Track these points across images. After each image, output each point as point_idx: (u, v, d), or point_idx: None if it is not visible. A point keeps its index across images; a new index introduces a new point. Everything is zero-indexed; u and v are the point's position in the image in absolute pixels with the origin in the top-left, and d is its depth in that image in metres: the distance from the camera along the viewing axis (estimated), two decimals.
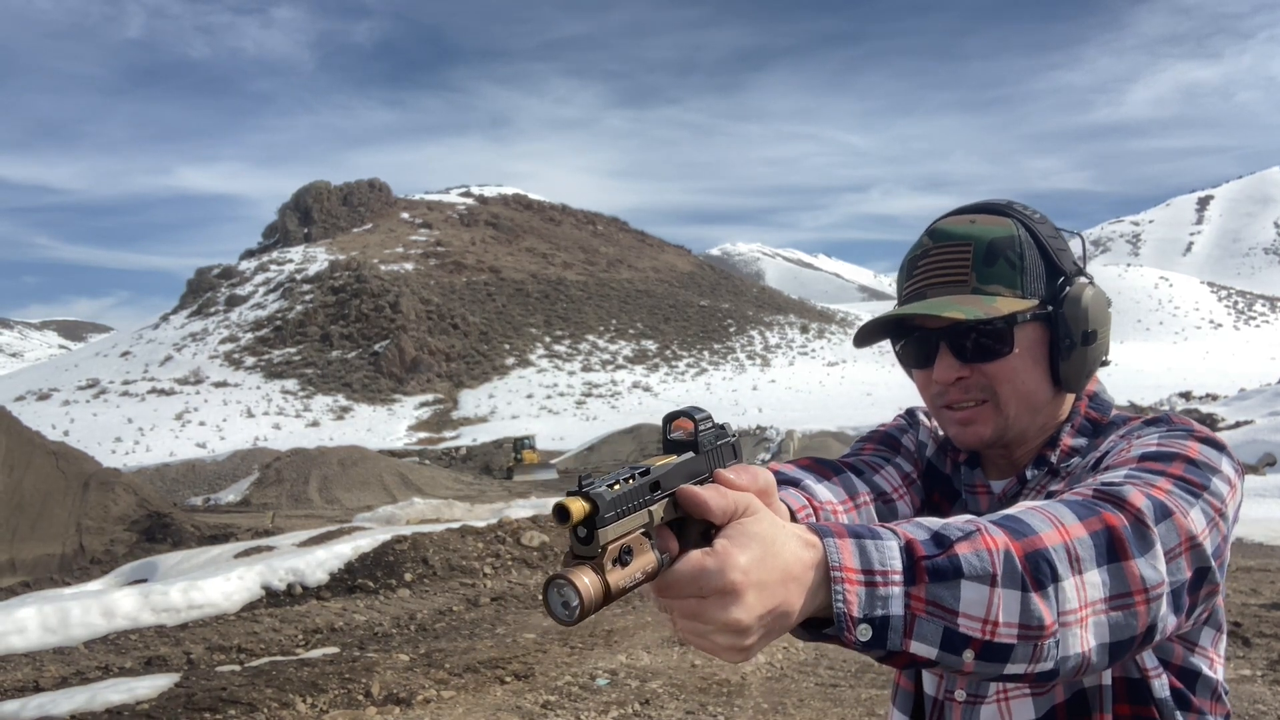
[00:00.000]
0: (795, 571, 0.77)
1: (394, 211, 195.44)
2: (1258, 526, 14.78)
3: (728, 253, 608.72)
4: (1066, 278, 1.25)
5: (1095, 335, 1.24)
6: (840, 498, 1.21)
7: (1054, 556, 0.85)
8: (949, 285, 1.22)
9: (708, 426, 0.87)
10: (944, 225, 1.27)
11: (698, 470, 0.85)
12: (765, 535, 0.77)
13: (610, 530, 0.73)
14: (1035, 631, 0.83)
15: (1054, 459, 1.26)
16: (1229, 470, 1.07)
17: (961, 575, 0.81)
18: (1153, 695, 1.11)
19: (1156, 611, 0.91)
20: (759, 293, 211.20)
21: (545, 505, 18.27)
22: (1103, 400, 1.31)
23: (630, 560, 0.74)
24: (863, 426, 60.45)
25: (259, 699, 6.24)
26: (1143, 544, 0.91)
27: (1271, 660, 6.58)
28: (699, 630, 0.77)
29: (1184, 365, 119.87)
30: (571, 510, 0.71)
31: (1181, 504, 0.97)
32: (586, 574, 0.71)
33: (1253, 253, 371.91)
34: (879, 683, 6.28)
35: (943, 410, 1.27)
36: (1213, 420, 36.69)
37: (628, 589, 0.74)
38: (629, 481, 0.76)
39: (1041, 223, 1.26)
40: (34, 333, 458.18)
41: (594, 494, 0.72)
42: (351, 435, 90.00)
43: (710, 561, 0.75)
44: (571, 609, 0.71)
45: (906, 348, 1.29)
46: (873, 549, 0.81)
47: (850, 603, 0.78)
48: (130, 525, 18.24)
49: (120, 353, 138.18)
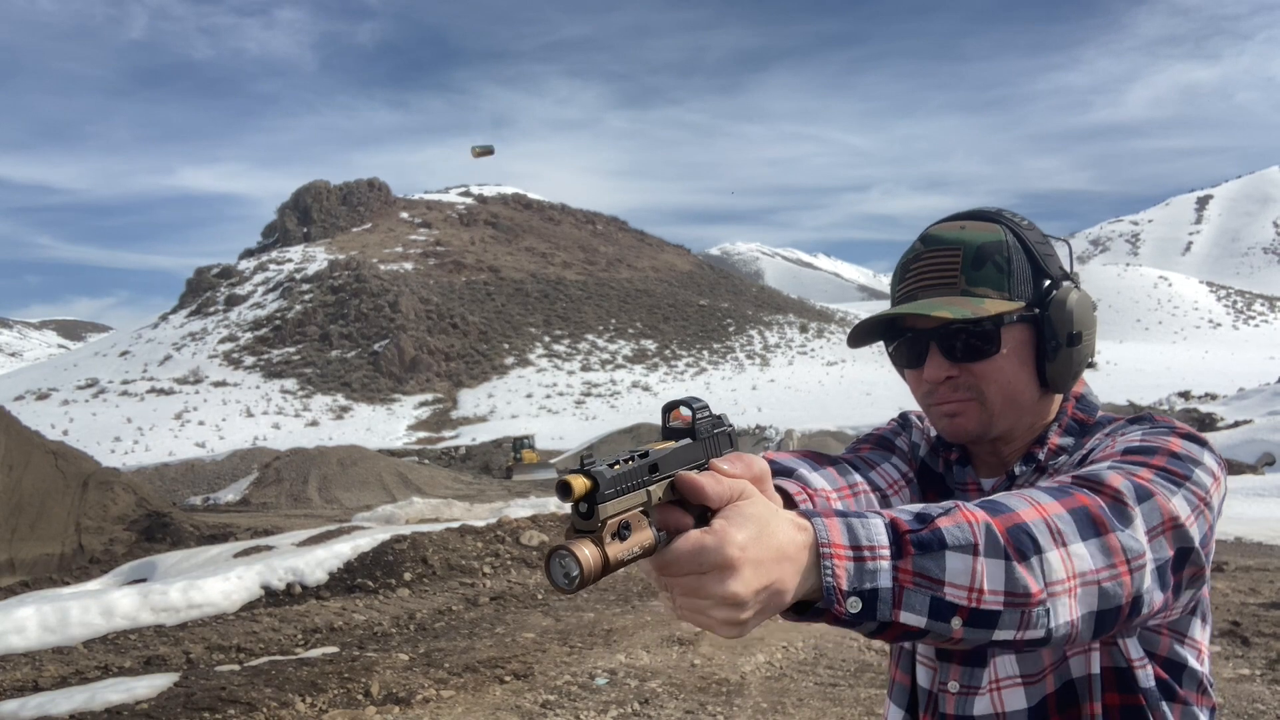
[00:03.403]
0: (789, 551, 0.81)
1: (393, 211, 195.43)
2: (1257, 526, 14.78)
3: (727, 252, 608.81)
4: (1053, 282, 1.30)
5: (1080, 337, 1.27)
6: (835, 485, 1.25)
7: (1034, 530, 0.90)
8: (939, 288, 1.27)
9: (704, 415, 0.91)
10: (935, 231, 1.32)
11: (694, 457, 0.89)
12: (760, 516, 0.81)
13: (610, 506, 0.77)
14: (1021, 599, 0.87)
15: (1041, 456, 1.30)
16: (1211, 463, 1.10)
17: (945, 546, 0.85)
18: (1139, 685, 1.14)
19: (1141, 582, 0.94)
20: (758, 292, 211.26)
21: (545, 505, 18.27)
22: (1089, 401, 1.36)
23: (629, 535, 0.79)
24: (861, 426, 60.48)
25: (258, 698, 6.23)
26: (1122, 519, 0.95)
27: (1270, 660, 6.58)
28: (697, 605, 0.81)
29: (1183, 365, 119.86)
30: (574, 486, 0.76)
31: (1164, 490, 1.01)
32: (587, 546, 0.76)
33: (1252, 252, 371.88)
34: (878, 683, 6.28)
35: (932, 407, 1.31)
36: (1212, 420, 36.73)
37: (625, 561, 0.79)
38: (628, 462, 0.81)
39: (1029, 229, 1.31)
40: (33, 332, 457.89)
41: (595, 471, 0.77)
42: (351, 435, 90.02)
43: (709, 539, 0.79)
44: (572, 578, 0.76)
45: (899, 348, 1.33)
46: (859, 526, 0.85)
47: (839, 577, 0.82)
48: (129, 525, 18.23)
49: (119, 352, 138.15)
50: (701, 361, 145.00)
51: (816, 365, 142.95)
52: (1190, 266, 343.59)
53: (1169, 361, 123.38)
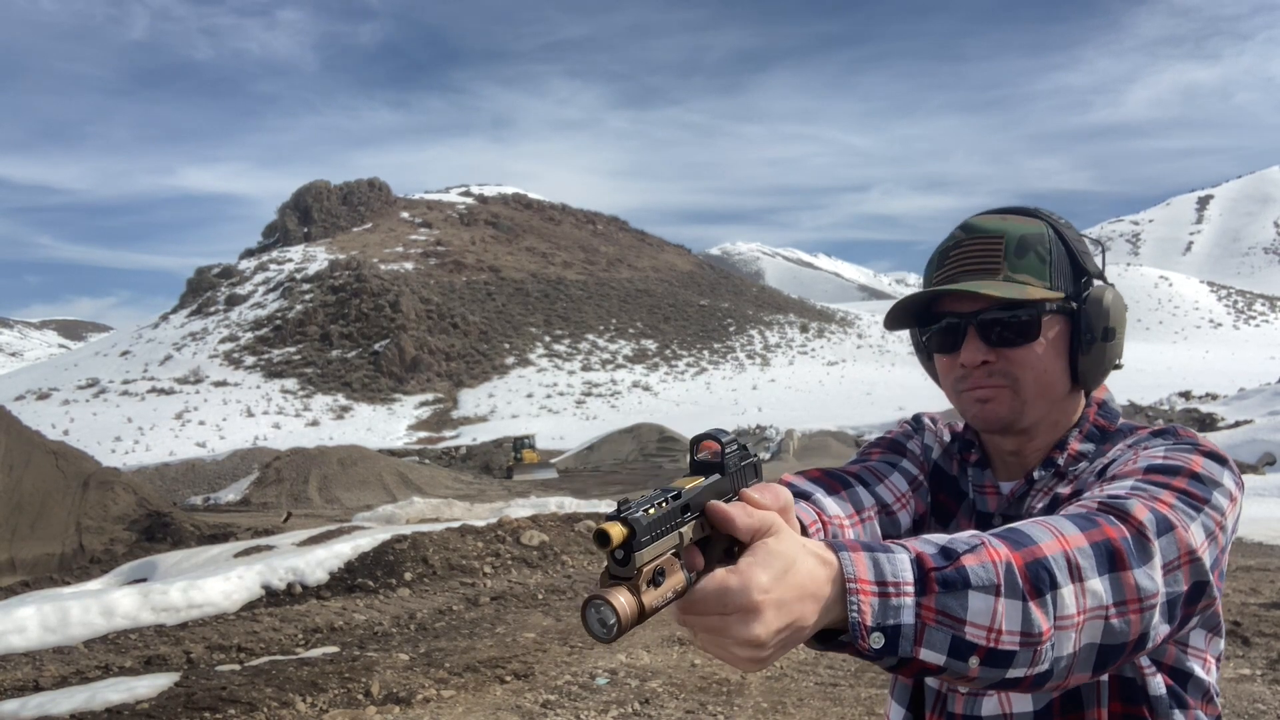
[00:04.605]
0: (811, 589, 0.82)
1: (394, 211, 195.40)
2: (1258, 526, 14.78)
3: (727, 252, 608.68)
4: (1090, 278, 1.32)
5: (1114, 333, 1.29)
6: (847, 512, 1.26)
7: (1053, 565, 0.90)
8: (981, 273, 1.27)
9: (733, 449, 0.92)
10: (977, 221, 1.33)
11: (723, 491, 0.90)
12: (786, 554, 0.82)
13: (646, 553, 0.78)
14: (1034, 639, 0.88)
15: (1061, 462, 1.30)
16: (1230, 484, 1.11)
17: (969, 586, 0.86)
18: (1146, 694, 1.15)
19: (1149, 620, 0.95)
20: (759, 292, 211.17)
21: (545, 505, 18.27)
22: (1111, 409, 1.36)
23: (663, 581, 0.79)
24: (862, 426, 60.48)
25: (259, 698, 6.24)
26: (1142, 555, 0.95)
27: (1271, 660, 6.58)
28: (719, 644, 0.82)
29: (1184, 365, 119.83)
30: (611, 535, 0.76)
31: (1183, 518, 1.01)
32: (623, 594, 0.76)
33: (1252, 252, 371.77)
34: (878, 682, 6.28)
35: (964, 393, 1.31)
36: (1212, 420, 36.72)
37: (659, 608, 0.79)
38: (662, 505, 0.81)
39: (1067, 227, 1.33)
40: (34, 332, 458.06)
41: (632, 519, 0.77)
42: (351, 434, 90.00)
43: (734, 580, 0.80)
44: (609, 627, 0.76)
45: (934, 333, 1.33)
46: (885, 562, 0.86)
47: (864, 612, 0.83)
48: (130, 525, 18.22)
49: (120, 352, 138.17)
50: (702, 361, 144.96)
51: (817, 365, 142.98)
52: (1191, 266, 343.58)
53: (1169, 361, 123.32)
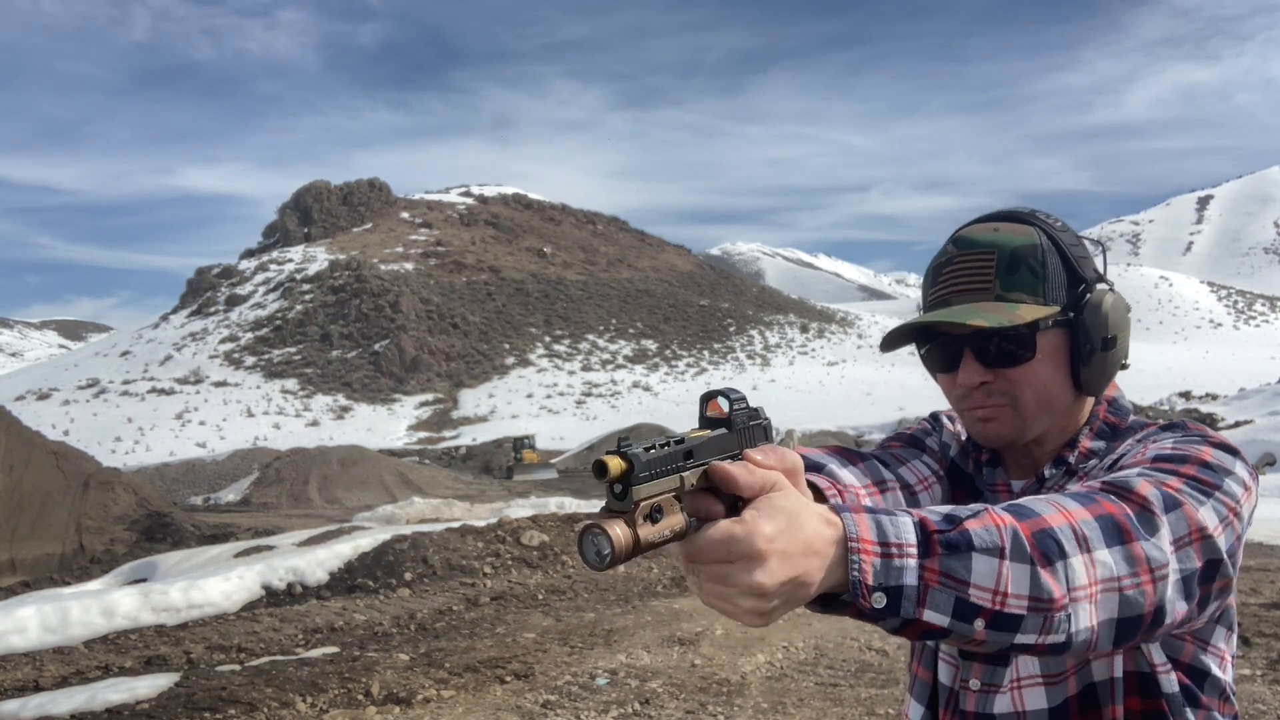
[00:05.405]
0: (817, 545, 0.82)
1: (394, 211, 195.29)
2: (1258, 526, 14.79)
3: (728, 252, 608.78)
4: (1087, 284, 1.28)
5: (1115, 341, 1.27)
6: (864, 481, 1.26)
7: (1060, 535, 0.90)
8: (973, 293, 1.26)
9: (741, 407, 0.93)
10: (968, 233, 1.30)
11: (729, 447, 0.90)
12: (790, 509, 0.82)
13: (643, 489, 0.79)
14: (1045, 604, 0.87)
15: (1072, 460, 1.30)
16: (1243, 473, 1.09)
17: (973, 548, 0.86)
18: (1162, 690, 1.14)
19: (1163, 593, 0.94)
20: (759, 292, 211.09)
21: (545, 505, 18.28)
22: (1121, 405, 1.35)
23: (660, 519, 0.80)
24: (862, 426, 60.51)
25: (259, 698, 6.24)
26: (1148, 528, 0.95)
27: (1271, 660, 6.58)
28: (723, 594, 0.82)
29: (1184, 365, 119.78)
30: (610, 466, 0.78)
31: (1191, 500, 1.01)
32: (619, 525, 0.78)
33: (1252, 252, 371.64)
34: (879, 682, 6.28)
35: (965, 411, 1.31)
36: (1213, 420, 36.70)
37: (656, 544, 0.80)
38: (664, 447, 0.82)
39: (1063, 231, 1.30)
40: (34, 332, 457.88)
41: (630, 454, 0.79)
42: (351, 435, 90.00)
43: (738, 529, 0.80)
44: (603, 556, 0.77)
45: (931, 352, 1.32)
46: (888, 524, 0.86)
47: (866, 571, 0.83)
48: (130, 525, 18.22)
49: (120, 352, 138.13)
50: (702, 361, 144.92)
51: (817, 365, 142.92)
52: (1191, 266, 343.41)
53: (1170, 361, 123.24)
